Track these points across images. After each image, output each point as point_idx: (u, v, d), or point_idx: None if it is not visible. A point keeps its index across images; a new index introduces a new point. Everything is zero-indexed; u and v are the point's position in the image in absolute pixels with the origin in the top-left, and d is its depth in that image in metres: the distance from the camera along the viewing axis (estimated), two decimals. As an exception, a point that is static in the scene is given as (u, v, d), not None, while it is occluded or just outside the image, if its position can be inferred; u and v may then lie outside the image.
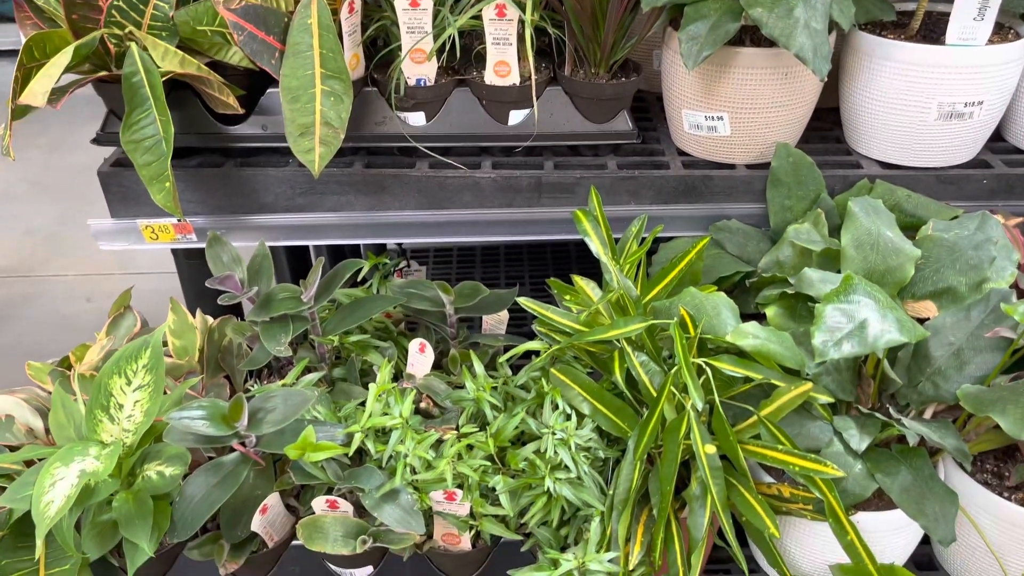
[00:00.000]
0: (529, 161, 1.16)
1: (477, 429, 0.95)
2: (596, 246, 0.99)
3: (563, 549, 0.91)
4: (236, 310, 1.33)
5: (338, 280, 1.05)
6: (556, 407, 0.91)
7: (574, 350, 0.98)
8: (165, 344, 1.11)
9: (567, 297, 1.04)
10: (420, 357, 1.09)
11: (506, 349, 1.06)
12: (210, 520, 0.96)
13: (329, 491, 0.95)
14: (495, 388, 0.98)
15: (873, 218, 0.96)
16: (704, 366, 0.87)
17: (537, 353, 0.99)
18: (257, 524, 0.91)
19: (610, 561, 0.83)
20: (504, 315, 1.17)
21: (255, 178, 1.13)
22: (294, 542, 0.99)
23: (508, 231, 1.15)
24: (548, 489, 0.88)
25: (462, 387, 1.08)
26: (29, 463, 0.97)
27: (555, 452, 0.87)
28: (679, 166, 1.14)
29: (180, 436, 0.87)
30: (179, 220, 1.11)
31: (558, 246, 1.83)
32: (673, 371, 0.85)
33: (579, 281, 0.97)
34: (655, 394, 0.91)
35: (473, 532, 0.94)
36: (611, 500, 0.89)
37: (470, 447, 0.93)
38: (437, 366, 1.13)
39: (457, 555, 0.96)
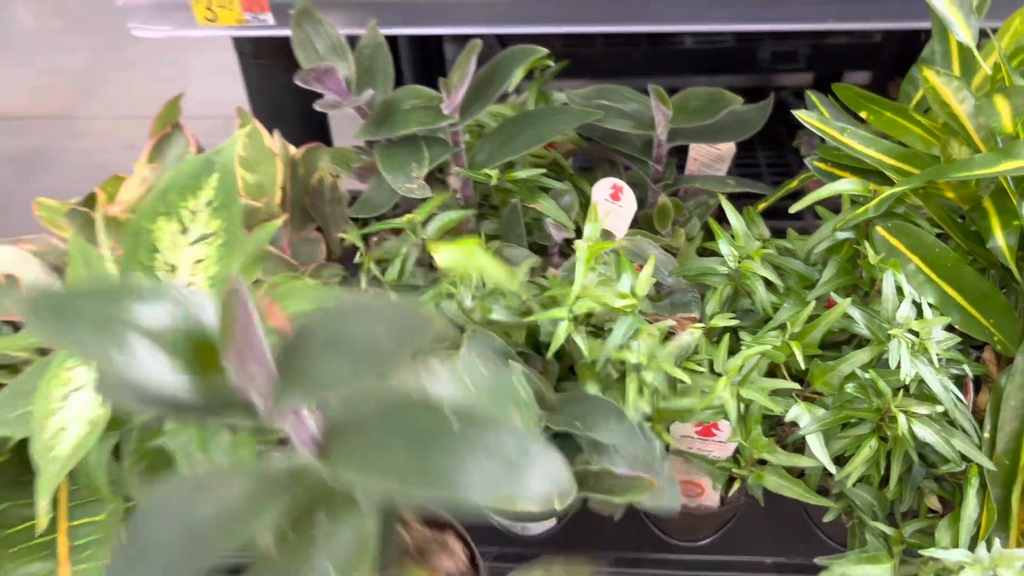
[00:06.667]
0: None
1: (733, 319, 0.58)
2: None
3: (890, 521, 0.56)
4: (324, 138, 0.96)
5: (499, 82, 0.66)
6: (900, 292, 0.53)
7: (909, 198, 0.59)
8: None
9: (864, 114, 0.64)
10: (614, 207, 0.71)
11: (734, 198, 0.67)
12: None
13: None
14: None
15: None
16: None
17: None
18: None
19: (1029, 562, 0.48)
20: (731, 148, 0.77)
21: (360, -78, 0.72)
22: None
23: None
24: (887, 429, 0.52)
25: (674, 252, 0.71)
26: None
27: (910, 368, 0.50)
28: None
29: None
30: (247, -17, 0.72)
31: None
32: None
33: (930, 76, 0.56)
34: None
35: (733, 484, 0.59)
36: (987, 450, 0.53)
37: (732, 344, 0.56)
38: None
39: (694, 513, 0.62)
